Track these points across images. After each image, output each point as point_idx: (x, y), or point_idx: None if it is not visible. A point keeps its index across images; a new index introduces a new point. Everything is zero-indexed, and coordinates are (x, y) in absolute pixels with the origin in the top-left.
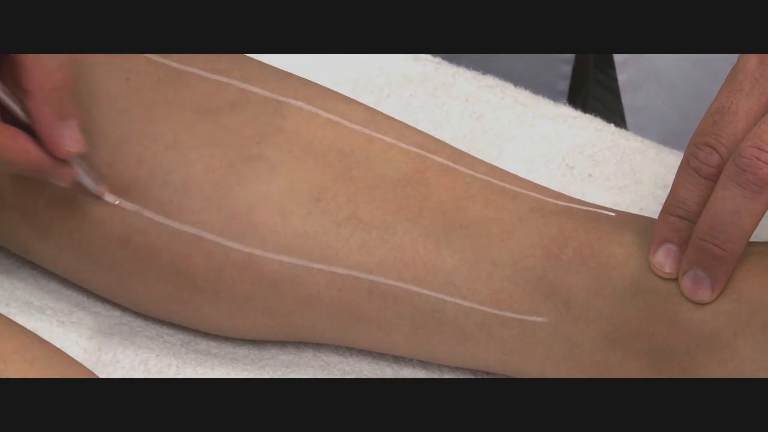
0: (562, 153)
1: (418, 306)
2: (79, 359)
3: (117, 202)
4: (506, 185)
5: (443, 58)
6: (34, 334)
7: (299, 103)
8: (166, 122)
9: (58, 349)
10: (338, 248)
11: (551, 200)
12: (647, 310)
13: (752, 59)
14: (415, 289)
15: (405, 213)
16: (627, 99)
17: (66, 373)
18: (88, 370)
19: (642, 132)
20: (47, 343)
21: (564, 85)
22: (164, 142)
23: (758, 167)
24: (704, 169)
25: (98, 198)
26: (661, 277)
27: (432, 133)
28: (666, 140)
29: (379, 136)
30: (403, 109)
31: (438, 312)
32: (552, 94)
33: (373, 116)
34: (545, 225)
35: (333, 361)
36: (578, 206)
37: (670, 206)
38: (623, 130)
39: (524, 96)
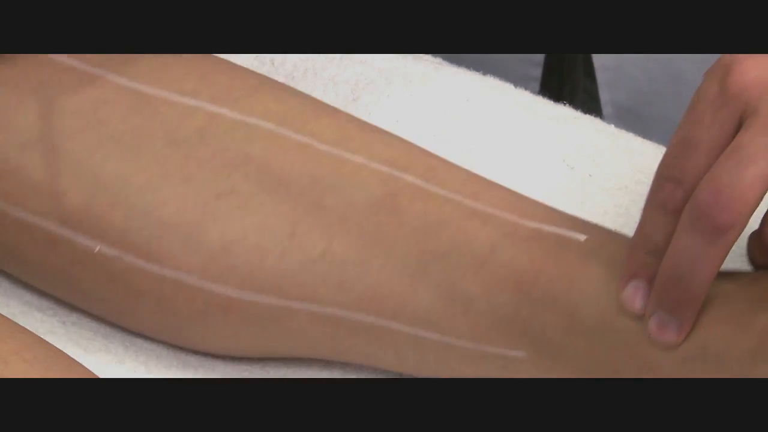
0: (562, 153)
1: (400, 341)
2: (79, 359)
3: (97, 249)
4: (479, 206)
5: (443, 58)
6: (34, 334)
7: (268, 125)
8: (137, 160)
9: (58, 349)
10: (316, 286)
11: (523, 222)
12: (618, 351)
13: (712, 87)
14: (395, 325)
15: (379, 245)
16: (598, 59)
17: (66, 373)
18: (88, 370)
19: (610, 89)
20: (47, 343)
21: (537, 72)
22: (137, 182)
23: (715, 214)
24: (669, 204)
25: None
26: (631, 316)
27: (431, 135)
28: (633, 100)
29: (349, 156)
30: (403, 110)
31: (420, 346)
32: (524, 81)
33: (344, 133)
34: (516, 255)
35: (333, 361)
36: (548, 228)
37: (637, 242)
38: (623, 131)
39: (525, 97)
